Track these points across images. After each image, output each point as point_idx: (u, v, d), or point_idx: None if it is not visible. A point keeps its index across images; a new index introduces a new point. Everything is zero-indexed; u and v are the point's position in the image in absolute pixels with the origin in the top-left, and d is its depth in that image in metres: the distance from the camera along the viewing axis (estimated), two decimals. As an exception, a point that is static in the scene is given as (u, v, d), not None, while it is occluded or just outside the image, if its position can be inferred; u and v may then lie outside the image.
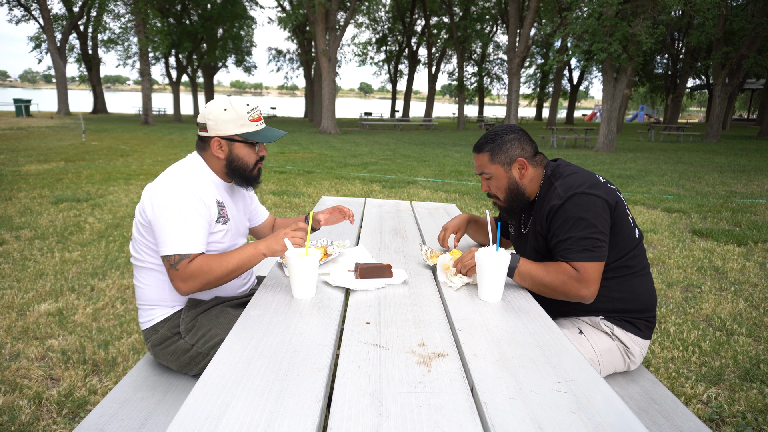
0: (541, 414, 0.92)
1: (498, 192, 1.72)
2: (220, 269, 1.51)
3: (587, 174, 1.62)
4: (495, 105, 70.69)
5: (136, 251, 1.63)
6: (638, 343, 1.67)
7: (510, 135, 1.67)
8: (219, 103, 1.62)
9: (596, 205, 1.52)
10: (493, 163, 1.68)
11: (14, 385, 2.27)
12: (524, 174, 1.67)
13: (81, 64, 30.95)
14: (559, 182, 1.60)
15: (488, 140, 1.69)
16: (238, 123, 1.61)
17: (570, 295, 1.53)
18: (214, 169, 1.68)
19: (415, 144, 16.37)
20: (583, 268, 1.50)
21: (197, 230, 1.52)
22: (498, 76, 37.96)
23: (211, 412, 0.89)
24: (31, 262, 3.90)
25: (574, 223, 1.52)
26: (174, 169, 1.62)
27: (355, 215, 2.59)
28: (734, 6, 19.38)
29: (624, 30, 13.26)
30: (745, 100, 52.25)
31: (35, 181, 7.31)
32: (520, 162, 1.66)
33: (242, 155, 1.65)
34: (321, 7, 18.67)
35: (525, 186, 1.69)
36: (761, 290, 3.64)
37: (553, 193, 1.59)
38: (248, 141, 1.64)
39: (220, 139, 1.62)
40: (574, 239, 1.51)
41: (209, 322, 1.60)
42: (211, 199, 1.59)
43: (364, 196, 5.27)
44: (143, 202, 1.56)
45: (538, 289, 1.56)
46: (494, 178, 1.70)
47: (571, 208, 1.52)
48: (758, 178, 9.37)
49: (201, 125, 1.64)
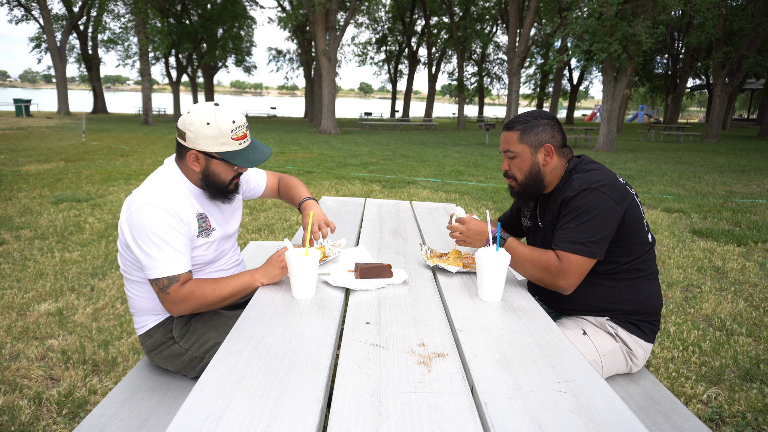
0: (541, 414, 0.92)
1: (517, 173, 1.72)
2: (213, 295, 1.49)
3: (607, 172, 1.62)
4: (495, 105, 70.67)
5: (123, 264, 1.60)
6: (642, 346, 1.67)
7: (544, 120, 1.69)
8: (203, 115, 1.48)
9: (605, 204, 1.52)
10: (521, 143, 1.68)
11: (14, 385, 2.27)
12: (548, 161, 1.68)
13: (81, 64, 30.95)
14: (578, 176, 1.61)
15: (521, 120, 1.69)
16: (219, 141, 1.49)
17: (547, 282, 1.56)
18: (192, 179, 1.58)
19: (415, 144, 16.37)
20: (567, 258, 1.52)
21: (180, 249, 1.46)
22: (498, 76, 37.95)
23: (211, 412, 0.89)
24: (31, 262, 3.90)
25: (577, 215, 1.54)
26: (150, 183, 1.53)
27: (355, 215, 2.59)
28: (734, 6, 19.37)
29: (624, 30, 13.25)
30: (745, 100, 52.24)
31: (35, 181, 7.31)
32: (547, 148, 1.67)
33: (218, 172, 1.55)
34: (321, 7, 18.67)
35: (546, 173, 1.70)
36: (761, 290, 3.64)
37: (570, 185, 1.61)
38: (227, 161, 1.53)
39: (197, 153, 1.51)
40: (570, 229, 1.54)
41: (203, 326, 1.59)
42: (189, 215, 1.52)
43: (364, 196, 5.26)
44: (121, 221, 1.50)
45: (520, 267, 1.60)
46: (518, 158, 1.70)
47: (581, 201, 1.54)
48: (758, 178, 9.37)
49: (180, 133, 1.52)
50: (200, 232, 1.56)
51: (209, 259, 1.64)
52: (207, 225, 1.59)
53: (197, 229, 1.55)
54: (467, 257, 1.81)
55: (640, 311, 1.66)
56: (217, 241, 1.65)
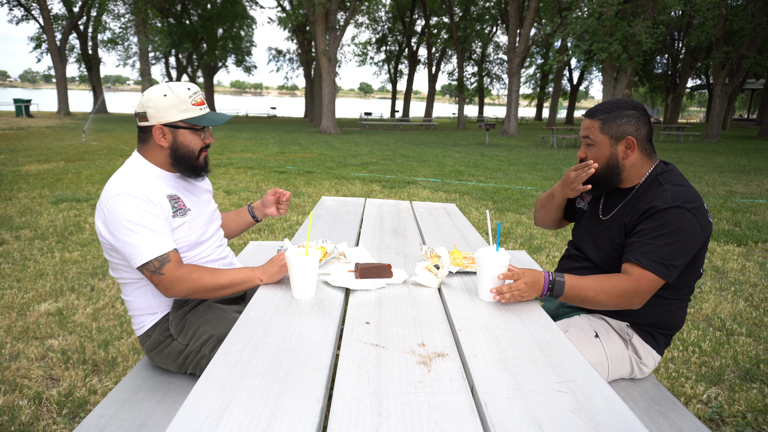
0: (541, 414, 0.92)
1: (595, 160, 1.62)
2: (209, 281, 1.49)
3: (697, 194, 1.51)
4: (495, 105, 70.70)
5: (113, 270, 1.61)
6: (653, 355, 1.65)
7: (629, 111, 1.57)
8: (158, 90, 1.53)
9: (694, 229, 1.45)
10: (602, 132, 1.59)
11: (14, 385, 2.27)
12: (628, 155, 1.58)
13: (81, 64, 30.95)
14: (671, 187, 1.50)
15: (605, 109, 1.60)
16: (181, 108, 1.53)
17: (623, 305, 1.47)
18: (158, 162, 1.59)
19: (415, 144, 16.37)
20: (645, 276, 1.43)
21: (159, 230, 1.46)
22: (498, 76, 37.98)
23: (211, 412, 0.89)
24: (31, 262, 3.90)
25: (665, 233, 1.44)
26: (116, 176, 1.53)
27: (355, 215, 2.59)
28: (734, 6, 19.37)
29: (624, 30, 13.26)
30: (745, 100, 52.23)
31: (35, 181, 7.31)
32: (629, 141, 1.56)
33: (187, 142, 1.57)
34: (321, 7, 18.67)
35: (625, 167, 1.60)
36: (761, 290, 3.64)
37: (661, 195, 1.49)
38: (193, 126, 1.56)
39: (162, 127, 1.53)
40: (656, 246, 1.44)
41: (197, 320, 1.60)
42: (159, 196, 1.51)
43: (364, 196, 5.26)
44: (96, 220, 1.50)
45: (591, 302, 1.48)
46: (597, 147, 1.60)
47: (672, 219, 1.44)
48: (758, 178, 9.37)
49: (140, 114, 1.54)
50: (175, 212, 1.56)
51: (193, 240, 1.62)
52: (181, 205, 1.59)
53: (170, 209, 1.54)
54: (467, 257, 1.81)
55: (662, 325, 1.64)
56: (197, 219, 1.64)
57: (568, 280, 1.46)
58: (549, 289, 1.45)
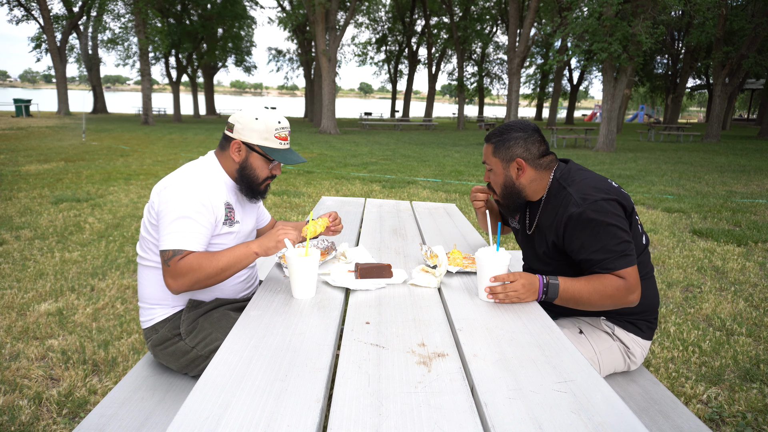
0: (541, 414, 0.92)
1: (495, 186, 1.71)
2: (210, 267, 1.48)
3: (600, 178, 1.59)
4: (495, 105, 70.67)
5: (142, 250, 1.63)
6: (639, 343, 1.67)
7: (517, 133, 1.64)
8: (254, 111, 1.65)
9: (617, 209, 1.50)
10: (495, 157, 1.67)
11: (14, 385, 2.27)
12: (521, 174, 1.64)
13: (81, 64, 30.94)
14: (574, 189, 1.55)
15: (497, 133, 1.67)
16: (263, 135, 1.63)
17: (618, 304, 1.50)
18: (228, 170, 1.69)
19: (415, 144, 16.37)
20: (627, 274, 1.47)
21: (197, 229, 1.50)
22: (498, 76, 37.96)
23: (211, 412, 0.89)
24: (31, 262, 3.90)
25: (603, 233, 1.48)
26: (187, 167, 1.63)
27: (355, 215, 2.59)
28: (734, 6, 19.38)
29: (624, 30, 13.26)
30: (745, 100, 52.22)
31: (35, 181, 7.31)
32: (519, 162, 1.63)
33: (255, 166, 1.66)
34: (321, 7, 18.67)
35: (523, 186, 1.66)
36: (761, 290, 3.64)
37: (569, 200, 1.55)
38: (266, 156, 1.65)
39: (241, 143, 1.63)
40: (609, 248, 1.47)
41: (210, 326, 1.59)
42: (218, 200, 1.59)
43: (364, 196, 5.26)
44: (152, 199, 1.57)
45: (585, 303, 1.51)
46: (494, 172, 1.69)
47: (594, 215, 1.48)
48: (758, 178, 9.37)
49: (230, 124, 1.66)
50: (225, 221, 1.62)
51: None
52: (232, 216, 1.65)
53: (223, 216, 1.61)
54: (467, 257, 1.82)
55: (636, 311, 1.66)
56: (240, 233, 1.70)
57: (561, 282, 1.49)
58: (544, 292, 1.48)
